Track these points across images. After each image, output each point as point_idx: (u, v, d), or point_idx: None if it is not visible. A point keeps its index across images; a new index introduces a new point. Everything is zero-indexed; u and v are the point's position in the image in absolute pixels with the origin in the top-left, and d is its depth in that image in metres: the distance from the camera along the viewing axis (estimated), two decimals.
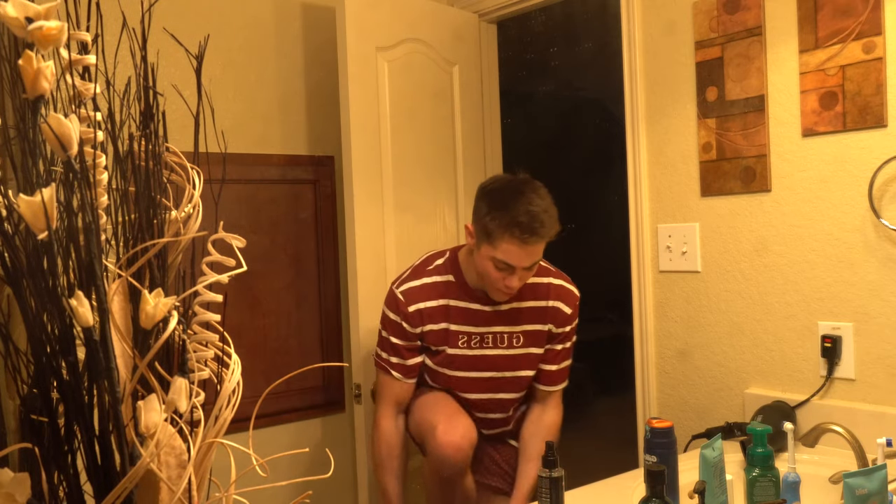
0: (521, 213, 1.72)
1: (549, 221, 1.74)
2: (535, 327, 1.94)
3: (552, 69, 4.28)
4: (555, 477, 1.48)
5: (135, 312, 0.68)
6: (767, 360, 2.01)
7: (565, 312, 1.95)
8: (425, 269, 1.94)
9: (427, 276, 1.92)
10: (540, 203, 1.75)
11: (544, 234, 1.74)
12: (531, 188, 1.78)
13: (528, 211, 1.72)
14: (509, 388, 1.97)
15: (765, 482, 1.44)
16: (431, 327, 1.90)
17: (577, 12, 3.89)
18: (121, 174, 0.73)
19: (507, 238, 1.73)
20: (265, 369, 2.38)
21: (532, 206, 1.73)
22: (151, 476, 0.63)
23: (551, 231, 1.76)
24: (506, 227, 1.73)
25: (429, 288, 1.91)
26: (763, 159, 1.98)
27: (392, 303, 1.92)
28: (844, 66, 1.82)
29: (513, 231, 1.72)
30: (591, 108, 4.19)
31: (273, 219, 2.43)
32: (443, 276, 1.92)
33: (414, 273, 1.94)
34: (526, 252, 1.75)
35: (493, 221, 1.75)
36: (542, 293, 1.94)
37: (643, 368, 2.28)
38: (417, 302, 1.90)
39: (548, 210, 1.75)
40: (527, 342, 1.94)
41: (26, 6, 0.57)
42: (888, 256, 1.80)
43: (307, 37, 2.51)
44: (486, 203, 1.79)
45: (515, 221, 1.72)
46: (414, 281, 1.92)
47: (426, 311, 1.90)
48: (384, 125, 2.40)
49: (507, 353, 1.93)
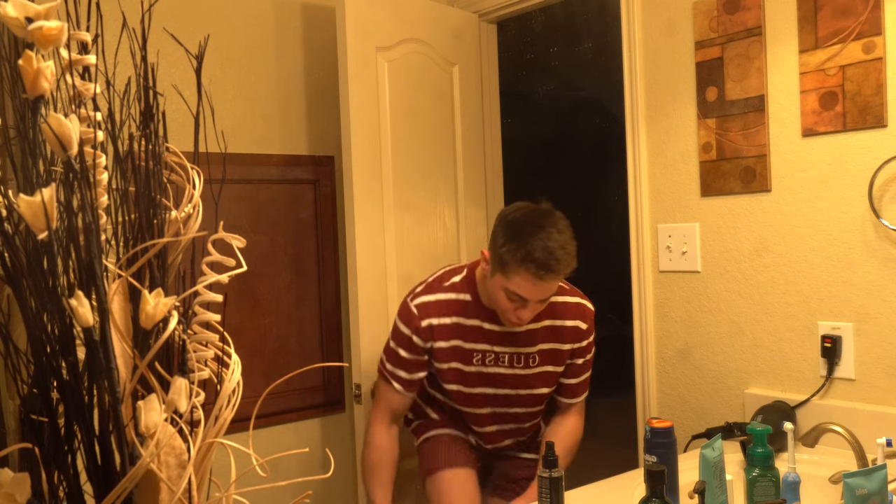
0: (537, 247, 1.67)
1: (565, 258, 1.70)
2: (551, 346, 1.92)
3: (552, 69, 4.28)
4: (555, 477, 1.48)
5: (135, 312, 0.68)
6: (767, 360, 2.01)
7: (582, 329, 1.93)
8: (441, 285, 1.91)
9: (443, 292, 1.89)
10: (558, 238, 1.70)
11: (560, 270, 1.70)
12: (551, 222, 1.73)
13: (546, 246, 1.68)
14: (524, 403, 1.97)
15: (765, 482, 1.44)
16: (441, 344, 1.88)
17: (577, 12, 3.90)
18: (121, 174, 0.73)
19: (521, 272, 1.69)
20: (265, 369, 2.38)
21: (550, 241, 1.68)
22: (151, 476, 0.63)
23: (567, 268, 1.72)
24: (520, 261, 1.68)
25: (443, 304, 1.88)
26: (763, 159, 1.98)
27: (405, 315, 1.90)
28: (844, 66, 1.82)
29: (528, 266, 1.68)
30: (591, 108, 4.19)
31: (273, 219, 2.43)
32: (459, 294, 1.89)
33: (429, 288, 1.91)
34: (539, 288, 1.71)
35: (508, 253, 1.71)
36: (559, 312, 1.91)
37: (643, 368, 2.28)
38: (430, 317, 1.87)
39: (565, 246, 1.71)
40: (543, 361, 1.92)
41: (26, 6, 0.57)
42: (888, 256, 1.80)
43: (307, 37, 2.51)
44: (503, 233, 1.75)
45: (531, 257, 1.67)
46: (429, 295, 1.89)
47: (437, 327, 1.87)
48: (384, 125, 2.40)
49: (522, 372, 1.92)
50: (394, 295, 2.40)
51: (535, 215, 1.76)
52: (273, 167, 2.43)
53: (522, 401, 1.96)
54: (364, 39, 2.34)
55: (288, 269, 2.46)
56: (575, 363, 1.96)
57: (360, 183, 2.32)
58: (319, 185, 2.53)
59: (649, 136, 2.24)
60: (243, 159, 2.36)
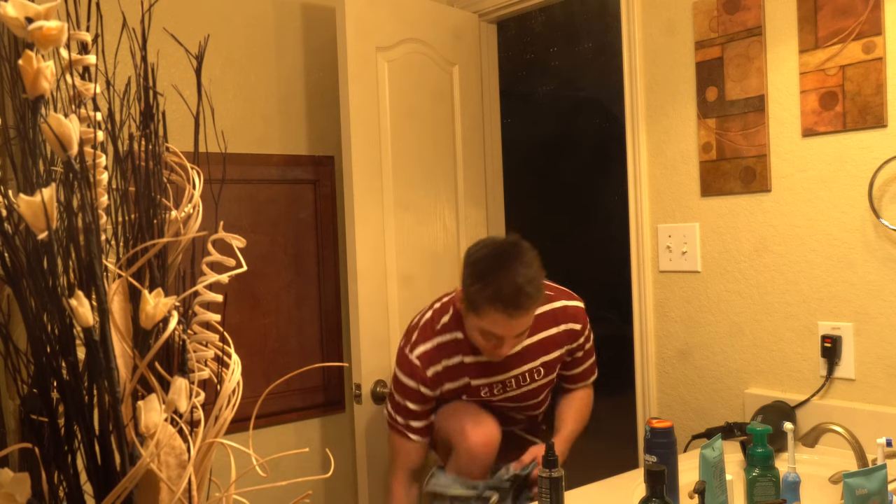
0: (504, 285, 1.66)
1: (534, 292, 1.68)
2: (552, 356, 1.93)
3: (552, 69, 4.28)
4: (555, 477, 1.48)
5: (135, 312, 0.68)
6: (767, 360, 2.01)
7: (577, 330, 1.94)
8: (434, 329, 1.88)
9: (438, 335, 1.88)
10: (525, 273, 1.68)
11: (530, 305, 1.69)
12: (516, 256, 1.71)
13: (513, 283, 1.66)
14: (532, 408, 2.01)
15: (765, 482, 1.44)
16: (449, 386, 1.88)
17: (577, 12, 3.90)
18: (121, 174, 0.73)
19: (491, 312, 1.68)
20: (265, 369, 2.38)
21: (517, 277, 1.66)
22: (151, 476, 0.63)
23: (538, 301, 1.71)
24: (489, 300, 1.67)
25: (443, 348, 1.87)
26: (763, 159, 1.98)
27: (407, 368, 1.87)
28: (844, 66, 1.82)
29: (496, 305, 1.67)
30: (591, 108, 4.19)
31: (273, 219, 2.43)
32: (452, 334, 1.87)
33: (424, 334, 1.89)
34: (512, 324, 1.70)
35: (476, 293, 1.70)
36: (550, 320, 1.91)
37: (643, 368, 2.28)
38: (435, 364, 1.86)
39: (533, 280, 1.68)
40: (547, 372, 1.94)
41: (26, 6, 0.57)
42: (888, 256, 1.80)
43: (307, 37, 2.51)
44: (470, 273, 1.74)
45: (499, 295, 1.66)
46: (426, 343, 1.87)
47: (443, 372, 1.86)
48: (384, 125, 2.40)
49: (529, 388, 1.94)
50: (394, 295, 2.40)
51: (499, 252, 1.73)
52: (273, 167, 2.43)
53: (530, 406, 1.99)
54: (364, 39, 2.34)
55: (288, 269, 2.46)
56: (576, 356, 1.99)
57: (360, 183, 2.32)
58: (319, 185, 2.53)
59: (649, 136, 2.24)
60: (243, 159, 2.35)
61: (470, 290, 1.72)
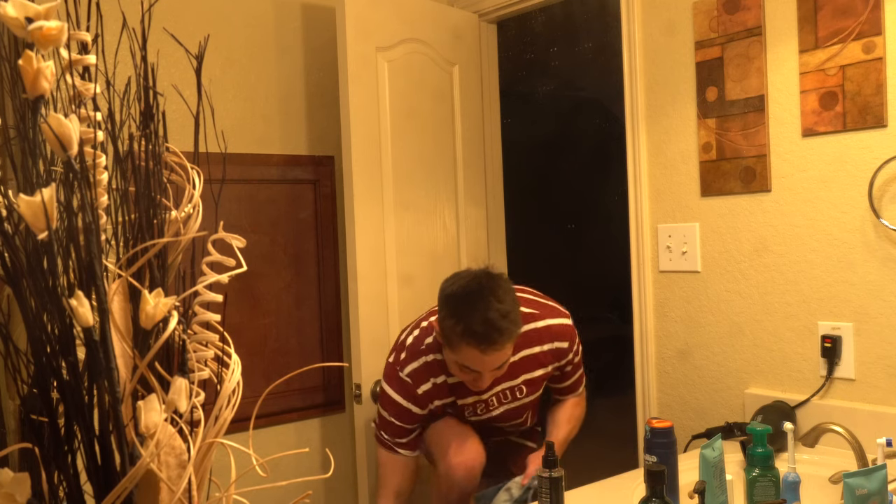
0: (476, 321, 1.63)
1: (508, 327, 1.65)
2: (536, 374, 1.91)
3: (552, 69, 4.28)
4: (555, 477, 1.48)
5: (135, 312, 0.68)
6: (767, 360, 2.01)
7: (563, 348, 1.92)
8: (420, 349, 1.87)
9: (424, 354, 1.86)
10: (499, 308, 1.65)
11: (504, 341, 1.66)
12: (490, 289, 1.68)
13: (486, 319, 1.63)
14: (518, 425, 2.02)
15: (765, 482, 1.44)
16: (437, 403, 1.88)
17: (577, 12, 3.90)
18: (121, 174, 0.73)
19: (464, 348, 1.67)
20: (265, 369, 2.38)
21: (490, 312, 1.63)
22: (151, 476, 0.63)
23: (513, 336, 1.68)
24: (462, 336, 1.65)
25: (431, 366, 1.86)
26: (763, 159, 1.98)
27: (398, 387, 1.86)
28: (844, 66, 1.82)
29: (468, 341, 1.65)
30: (591, 108, 4.19)
31: (273, 219, 2.43)
32: (437, 355, 1.86)
33: (411, 354, 1.87)
34: (487, 360, 1.68)
35: (449, 329, 1.68)
36: (535, 339, 1.88)
37: (643, 368, 2.28)
38: (425, 382, 1.85)
39: (508, 314, 1.65)
40: (530, 391, 1.92)
41: (26, 6, 0.57)
42: (888, 256, 1.80)
43: (307, 37, 2.51)
44: (443, 307, 1.72)
45: (471, 331, 1.63)
46: (415, 362, 1.86)
47: (432, 390, 1.86)
48: (384, 125, 2.40)
49: (513, 405, 1.93)
50: (394, 295, 2.40)
51: (472, 286, 1.70)
52: (273, 167, 2.43)
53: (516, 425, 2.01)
54: (364, 39, 2.34)
55: (288, 269, 2.46)
56: (564, 371, 1.98)
57: (360, 183, 2.32)
58: (319, 185, 2.53)
59: (649, 136, 2.24)
60: (243, 159, 2.36)
61: (444, 326, 1.71)
